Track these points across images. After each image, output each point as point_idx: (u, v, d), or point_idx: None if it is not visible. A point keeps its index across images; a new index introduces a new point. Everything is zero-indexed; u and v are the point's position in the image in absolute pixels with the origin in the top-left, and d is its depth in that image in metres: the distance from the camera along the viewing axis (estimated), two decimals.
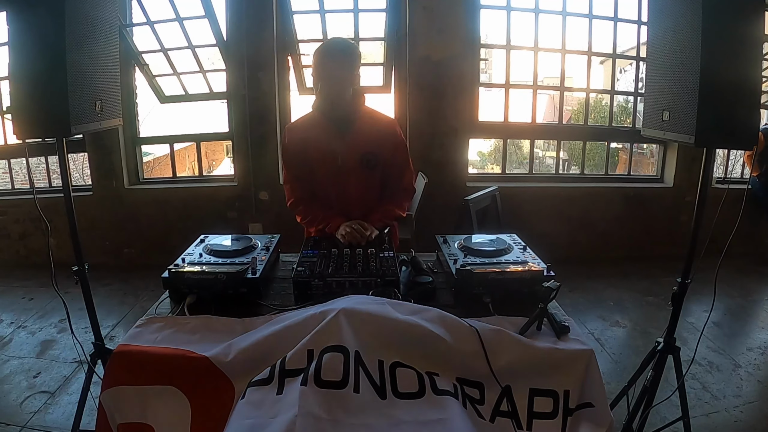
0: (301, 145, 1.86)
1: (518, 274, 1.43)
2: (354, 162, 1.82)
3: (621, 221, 4.10)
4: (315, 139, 1.83)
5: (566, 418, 1.15)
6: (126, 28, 3.67)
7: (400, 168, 1.92)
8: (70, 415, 1.87)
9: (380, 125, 1.87)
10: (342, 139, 1.81)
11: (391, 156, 1.88)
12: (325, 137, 1.82)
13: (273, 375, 1.09)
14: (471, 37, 3.77)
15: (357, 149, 1.82)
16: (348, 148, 1.81)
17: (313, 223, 1.86)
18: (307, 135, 1.85)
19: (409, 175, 1.96)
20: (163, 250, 2.33)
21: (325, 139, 1.82)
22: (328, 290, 1.40)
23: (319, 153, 1.83)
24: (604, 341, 2.85)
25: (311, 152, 1.84)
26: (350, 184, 1.85)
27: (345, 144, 1.81)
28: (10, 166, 4.19)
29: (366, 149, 1.82)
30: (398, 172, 1.92)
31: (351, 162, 1.82)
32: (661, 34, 1.50)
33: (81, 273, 1.64)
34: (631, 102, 4.56)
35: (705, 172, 1.50)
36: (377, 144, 1.84)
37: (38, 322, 3.07)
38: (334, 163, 1.82)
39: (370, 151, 1.83)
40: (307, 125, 1.89)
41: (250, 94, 3.77)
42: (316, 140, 1.83)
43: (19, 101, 1.46)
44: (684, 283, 1.57)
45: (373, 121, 1.86)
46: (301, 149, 1.86)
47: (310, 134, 1.85)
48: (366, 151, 1.82)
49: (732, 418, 2.20)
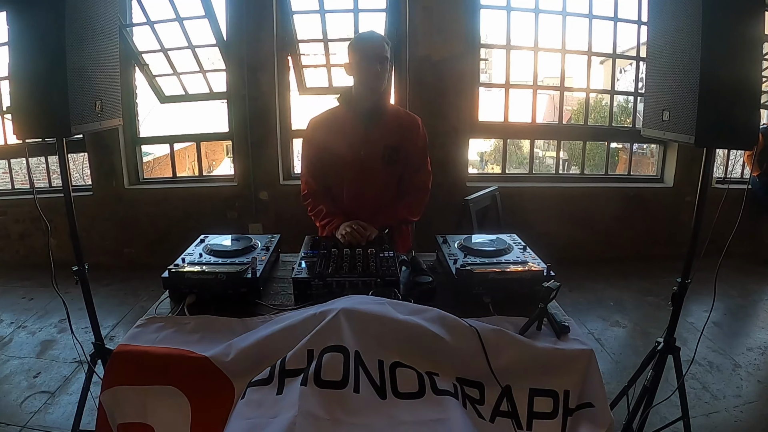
0: (324, 138, 1.87)
1: (518, 274, 1.43)
2: (376, 156, 1.84)
3: (621, 221, 4.10)
4: (338, 132, 1.85)
5: (566, 418, 1.15)
6: (126, 28, 3.67)
7: (418, 165, 1.93)
8: (70, 415, 1.87)
9: (404, 121, 1.89)
10: (365, 132, 1.83)
11: (412, 152, 1.89)
12: (348, 130, 1.83)
13: (273, 375, 1.09)
14: (471, 37, 3.77)
15: (380, 143, 1.83)
16: (371, 142, 1.83)
17: (317, 218, 1.88)
18: (331, 128, 1.86)
19: (425, 175, 1.96)
20: (163, 250, 2.33)
21: (348, 132, 1.83)
22: (328, 290, 1.40)
23: (341, 146, 1.84)
24: (604, 341, 2.85)
25: (334, 145, 1.85)
26: (370, 179, 1.86)
27: (368, 138, 1.83)
28: (10, 166, 4.19)
29: (389, 143, 1.84)
30: (415, 169, 1.93)
31: (373, 156, 1.83)
32: (661, 34, 1.50)
33: (81, 273, 1.64)
34: (631, 102, 4.57)
35: (705, 172, 1.50)
36: (400, 139, 1.85)
37: (38, 322, 3.07)
38: (357, 157, 1.83)
39: (392, 145, 1.84)
40: (331, 118, 1.90)
41: (250, 94, 3.77)
42: (339, 133, 1.84)
43: (19, 101, 1.45)
44: (684, 283, 1.57)
45: (398, 116, 1.89)
46: (323, 142, 1.87)
47: (333, 127, 1.86)
48: (388, 144, 1.84)
49: (732, 418, 2.20)
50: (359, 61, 1.76)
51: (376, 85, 1.78)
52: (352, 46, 1.79)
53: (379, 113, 1.84)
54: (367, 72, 1.76)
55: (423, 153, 1.93)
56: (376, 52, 1.75)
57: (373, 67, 1.75)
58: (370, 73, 1.76)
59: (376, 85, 1.78)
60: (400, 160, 1.87)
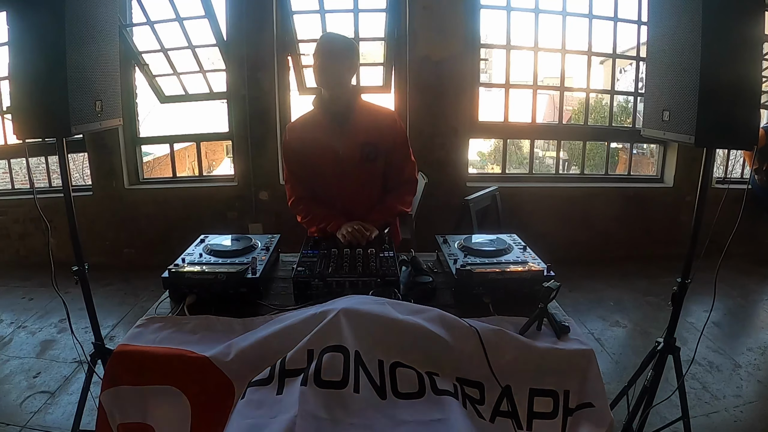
0: (301, 142, 1.87)
1: (518, 274, 1.43)
2: (354, 154, 1.83)
3: (621, 221, 4.09)
4: (315, 134, 1.84)
5: (566, 418, 1.15)
6: (126, 28, 3.67)
7: (401, 160, 1.92)
8: (70, 415, 1.88)
9: (379, 117, 1.88)
10: (341, 132, 1.82)
11: (392, 147, 1.88)
12: (324, 132, 1.83)
13: (273, 375, 1.09)
14: (471, 37, 3.77)
15: (356, 141, 1.82)
16: (348, 141, 1.82)
17: (313, 222, 1.86)
18: (307, 131, 1.86)
19: (411, 167, 1.96)
20: (163, 250, 2.33)
21: (324, 133, 1.83)
22: (328, 290, 1.40)
23: (319, 148, 1.84)
24: (604, 341, 2.85)
25: (312, 148, 1.85)
26: (351, 177, 1.86)
27: (344, 137, 1.82)
28: (10, 166, 4.19)
29: (365, 141, 1.83)
30: (399, 164, 1.92)
31: (351, 155, 1.83)
32: (661, 34, 1.50)
33: (81, 273, 1.64)
34: (631, 102, 4.56)
35: (705, 172, 1.50)
36: (377, 135, 1.84)
37: (38, 322, 3.07)
38: (335, 157, 1.83)
39: (369, 142, 1.83)
40: (307, 123, 1.90)
41: (250, 94, 3.77)
42: (316, 136, 1.84)
43: (19, 101, 1.46)
44: (684, 283, 1.57)
45: (372, 113, 1.87)
46: (301, 146, 1.87)
47: (310, 130, 1.86)
48: (365, 142, 1.83)
49: (732, 418, 2.20)
50: (315, 61, 1.75)
51: (332, 84, 1.77)
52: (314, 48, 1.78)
53: (351, 112, 1.83)
54: (321, 71, 1.74)
55: (404, 147, 1.92)
56: (333, 52, 1.74)
57: (328, 66, 1.73)
58: (326, 73, 1.74)
59: (333, 84, 1.77)
60: (379, 156, 1.86)
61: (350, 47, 1.79)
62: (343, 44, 1.78)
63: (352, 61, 1.78)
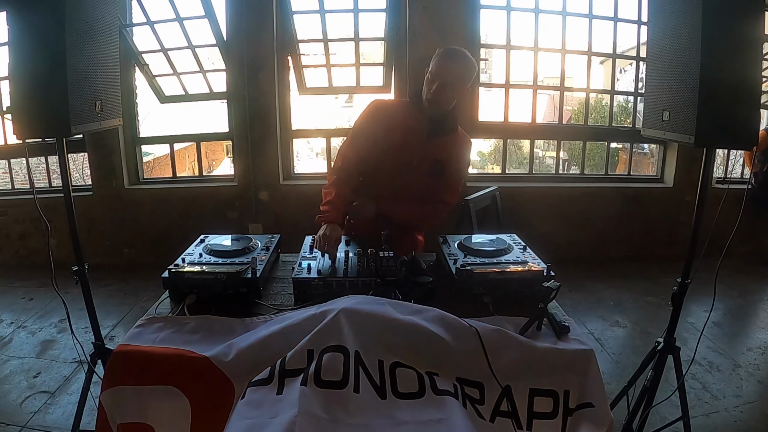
0: (384, 125, 1.81)
1: (518, 274, 1.43)
2: (425, 166, 1.81)
3: (621, 221, 4.09)
4: (400, 128, 1.79)
5: (566, 418, 1.15)
6: (126, 28, 3.67)
7: (453, 181, 1.88)
8: (70, 415, 1.87)
9: (458, 139, 1.86)
10: (425, 141, 1.79)
11: (455, 169, 1.86)
12: (409, 132, 1.79)
13: (273, 375, 1.09)
14: (471, 37, 3.76)
15: (432, 155, 1.80)
16: (426, 152, 1.80)
17: (327, 197, 1.80)
18: (393, 120, 1.81)
19: (453, 192, 1.91)
20: (163, 250, 2.33)
21: (409, 134, 1.79)
22: (328, 290, 1.40)
23: (397, 142, 1.79)
24: (604, 341, 2.85)
25: (389, 139, 1.79)
26: (408, 181, 1.83)
27: (425, 147, 1.79)
28: (10, 166, 4.19)
29: (438, 158, 1.81)
30: (453, 183, 1.89)
31: (422, 165, 1.81)
32: (661, 34, 1.50)
33: (81, 273, 1.64)
34: (631, 102, 4.56)
35: (705, 172, 1.50)
36: (448, 154, 1.82)
37: (38, 322, 3.07)
38: (408, 160, 1.80)
39: (440, 160, 1.81)
40: (397, 113, 1.84)
41: (250, 94, 3.77)
42: (400, 130, 1.79)
43: (19, 101, 1.46)
44: (684, 283, 1.57)
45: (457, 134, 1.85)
46: (381, 130, 1.81)
47: (395, 122, 1.80)
48: (438, 159, 1.81)
49: (732, 418, 2.20)
50: (433, 76, 1.71)
51: (444, 107, 1.75)
52: (437, 55, 1.73)
53: (444, 128, 1.80)
54: (436, 92, 1.70)
55: (463, 171, 1.91)
56: (456, 75, 1.70)
57: (445, 88, 1.70)
58: (440, 96, 1.71)
59: (444, 107, 1.75)
60: (443, 174, 1.84)
61: (472, 71, 1.73)
62: (466, 69, 1.71)
63: (468, 84, 1.75)
